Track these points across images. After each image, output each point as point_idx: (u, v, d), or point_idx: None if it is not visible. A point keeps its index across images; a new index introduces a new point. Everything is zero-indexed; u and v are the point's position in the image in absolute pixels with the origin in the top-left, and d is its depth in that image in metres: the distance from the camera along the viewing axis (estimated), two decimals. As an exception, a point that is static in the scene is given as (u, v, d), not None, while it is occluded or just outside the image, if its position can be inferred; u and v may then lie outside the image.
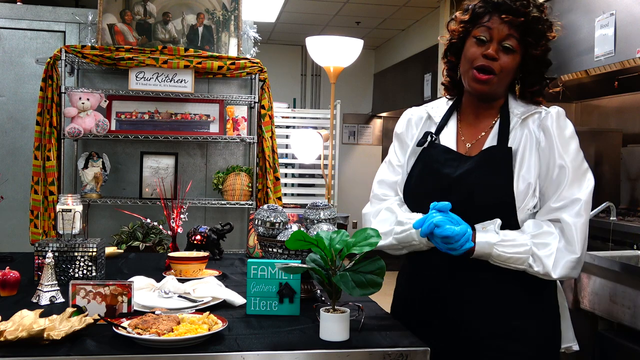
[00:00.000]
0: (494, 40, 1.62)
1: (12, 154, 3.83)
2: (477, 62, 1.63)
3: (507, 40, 1.61)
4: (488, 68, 1.62)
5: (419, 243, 1.65)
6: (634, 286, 2.42)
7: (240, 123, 3.76)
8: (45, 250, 1.99)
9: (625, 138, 4.44)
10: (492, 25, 1.62)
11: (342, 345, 1.42)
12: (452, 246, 1.53)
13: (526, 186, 1.59)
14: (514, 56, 1.63)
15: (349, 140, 8.90)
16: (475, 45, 1.64)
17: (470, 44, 1.66)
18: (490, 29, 1.62)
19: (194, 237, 2.54)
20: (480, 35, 1.63)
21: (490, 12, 1.63)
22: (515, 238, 1.56)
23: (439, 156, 1.69)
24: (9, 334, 1.35)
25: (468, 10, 1.69)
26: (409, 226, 1.65)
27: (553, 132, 1.62)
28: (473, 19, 1.67)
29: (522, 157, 1.62)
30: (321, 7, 6.81)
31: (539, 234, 1.57)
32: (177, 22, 3.76)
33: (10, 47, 3.82)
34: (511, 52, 1.62)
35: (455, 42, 1.73)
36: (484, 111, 1.72)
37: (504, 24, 1.61)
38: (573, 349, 1.73)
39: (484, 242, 1.55)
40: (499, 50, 1.62)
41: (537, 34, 1.63)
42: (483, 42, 1.63)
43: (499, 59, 1.61)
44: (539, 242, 1.56)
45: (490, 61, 1.61)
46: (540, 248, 1.55)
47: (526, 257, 1.55)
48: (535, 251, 1.55)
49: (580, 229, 1.56)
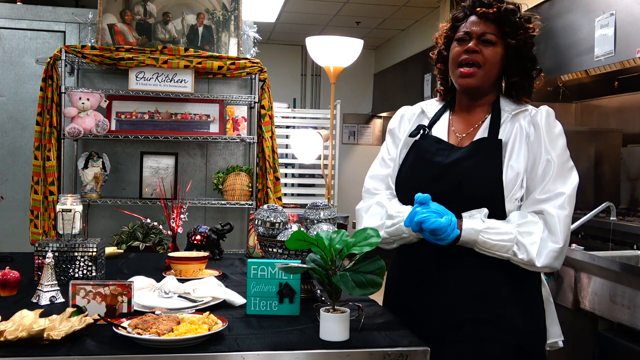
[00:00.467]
0: (473, 36, 1.71)
1: (12, 154, 3.83)
2: (460, 57, 1.72)
3: (485, 35, 1.70)
4: (471, 61, 1.70)
5: (408, 235, 1.71)
6: (634, 286, 2.42)
7: (240, 123, 3.76)
8: (45, 250, 1.99)
9: (625, 138, 4.44)
10: (469, 25, 1.73)
11: (342, 345, 1.42)
12: (440, 237, 1.57)
13: (515, 175, 1.65)
14: (494, 48, 1.71)
15: (349, 140, 8.90)
16: (458, 46, 1.74)
17: (454, 45, 1.76)
18: (468, 29, 1.72)
19: (194, 237, 2.54)
20: (460, 36, 1.74)
21: (467, 14, 1.75)
22: (500, 226, 1.61)
23: (430, 146, 1.76)
24: (9, 334, 1.35)
25: (449, 19, 1.81)
26: (398, 219, 1.71)
27: (542, 127, 1.68)
28: (454, 24, 1.79)
29: (511, 148, 1.68)
30: (321, 7, 6.81)
31: (523, 222, 1.61)
32: (177, 22, 3.76)
33: (10, 47, 3.82)
34: (491, 44, 1.71)
35: (442, 49, 1.83)
36: (476, 107, 1.79)
37: (479, 21, 1.71)
38: (558, 345, 1.77)
39: (470, 229, 1.60)
40: (479, 44, 1.70)
41: (512, 24, 1.71)
42: (463, 40, 1.73)
43: (480, 51, 1.70)
44: (523, 230, 1.60)
45: (472, 54, 1.70)
46: (525, 236, 1.60)
47: (511, 245, 1.60)
48: (519, 239, 1.60)
49: (564, 221, 1.60)
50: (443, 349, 1.63)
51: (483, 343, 1.64)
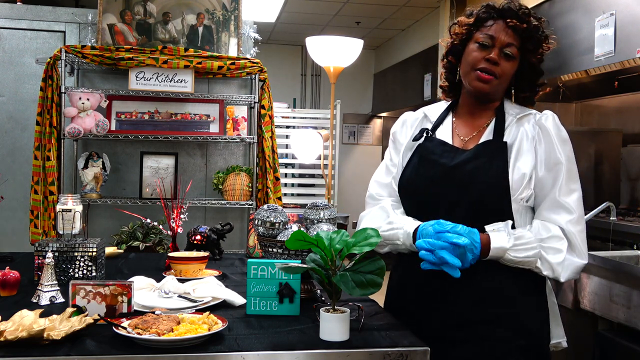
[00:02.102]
0: (496, 46, 1.68)
1: (12, 154, 3.83)
2: (480, 64, 1.68)
3: (508, 47, 1.67)
4: (490, 71, 1.67)
5: (402, 244, 1.70)
6: (634, 286, 2.42)
7: (240, 123, 3.76)
8: (45, 250, 1.99)
9: (625, 138, 4.44)
10: (495, 31, 1.68)
11: (342, 345, 1.42)
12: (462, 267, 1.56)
13: (520, 176, 1.64)
14: (513, 63, 1.69)
15: (349, 140, 8.90)
16: (478, 50, 1.69)
17: (473, 47, 1.71)
18: (493, 35, 1.68)
19: (194, 237, 2.54)
20: (482, 41, 1.69)
21: (495, 18, 1.70)
22: (525, 241, 1.60)
23: (435, 149, 1.75)
24: (9, 334, 1.35)
25: (472, 15, 1.74)
26: (397, 225, 1.70)
27: (551, 131, 1.68)
28: (476, 22, 1.72)
29: (517, 150, 1.68)
30: (321, 7, 6.81)
31: (548, 238, 1.61)
32: (177, 22, 3.76)
33: (10, 47, 3.82)
34: (511, 59, 1.68)
35: (456, 44, 1.78)
36: (480, 111, 1.78)
37: (507, 30, 1.67)
38: (562, 346, 1.77)
39: (498, 248, 1.59)
40: (500, 56, 1.67)
41: (536, 41, 1.69)
42: (485, 47, 1.69)
43: (500, 64, 1.67)
44: (548, 246, 1.61)
45: (492, 65, 1.67)
46: (550, 253, 1.60)
47: (534, 260, 1.60)
48: (544, 255, 1.60)
49: (582, 237, 1.64)
50: (448, 350, 1.63)
51: (488, 343, 1.63)
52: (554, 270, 1.60)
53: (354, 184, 8.17)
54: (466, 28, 1.74)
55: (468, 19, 1.75)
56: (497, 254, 1.59)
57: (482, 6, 1.73)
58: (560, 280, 1.61)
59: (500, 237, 1.59)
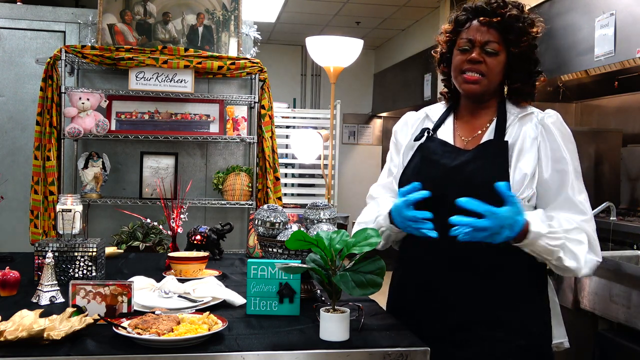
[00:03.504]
0: (476, 45, 1.68)
1: (12, 154, 3.83)
2: (463, 67, 1.70)
3: (488, 45, 1.68)
4: (475, 71, 1.68)
5: (386, 229, 1.72)
6: (634, 286, 2.42)
7: (240, 123, 3.76)
8: (45, 250, 1.99)
9: (625, 138, 4.44)
10: (472, 33, 1.69)
11: (342, 345, 1.42)
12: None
13: (522, 176, 1.63)
14: (497, 58, 1.68)
15: (349, 140, 8.90)
16: (460, 54, 1.71)
17: (456, 53, 1.73)
18: (471, 38, 1.69)
19: (194, 237, 2.54)
20: (462, 46, 1.71)
21: (470, 19, 1.71)
22: (556, 230, 1.57)
23: (436, 148, 1.75)
24: (9, 334, 1.35)
25: (452, 20, 1.77)
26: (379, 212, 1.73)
27: (555, 130, 1.67)
28: (456, 27, 1.75)
29: (519, 150, 1.67)
30: (321, 7, 6.81)
31: (572, 229, 1.59)
32: (177, 22, 3.76)
33: (10, 47, 3.82)
34: (494, 55, 1.68)
35: (444, 52, 1.80)
36: (481, 111, 1.77)
37: (482, 29, 1.68)
38: (564, 346, 1.76)
39: (535, 232, 1.54)
40: (482, 53, 1.68)
41: (516, 31, 1.68)
42: (466, 50, 1.70)
43: (484, 61, 1.67)
44: (573, 237, 1.58)
45: (476, 65, 1.68)
46: (575, 244, 1.58)
47: (558, 250, 1.57)
48: (569, 246, 1.58)
49: (596, 237, 1.63)
50: (448, 350, 1.63)
51: (488, 343, 1.63)
52: (578, 260, 1.57)
53: (354, 184, 8.17)
54: (448, 35, 1.77)
55: (448, 26, 1.77)
56: (534, 237, 1.54)
57: (462, 8, 1.75)
58: (579, 274, 1.59)
59: (537, 222, 1.56)
